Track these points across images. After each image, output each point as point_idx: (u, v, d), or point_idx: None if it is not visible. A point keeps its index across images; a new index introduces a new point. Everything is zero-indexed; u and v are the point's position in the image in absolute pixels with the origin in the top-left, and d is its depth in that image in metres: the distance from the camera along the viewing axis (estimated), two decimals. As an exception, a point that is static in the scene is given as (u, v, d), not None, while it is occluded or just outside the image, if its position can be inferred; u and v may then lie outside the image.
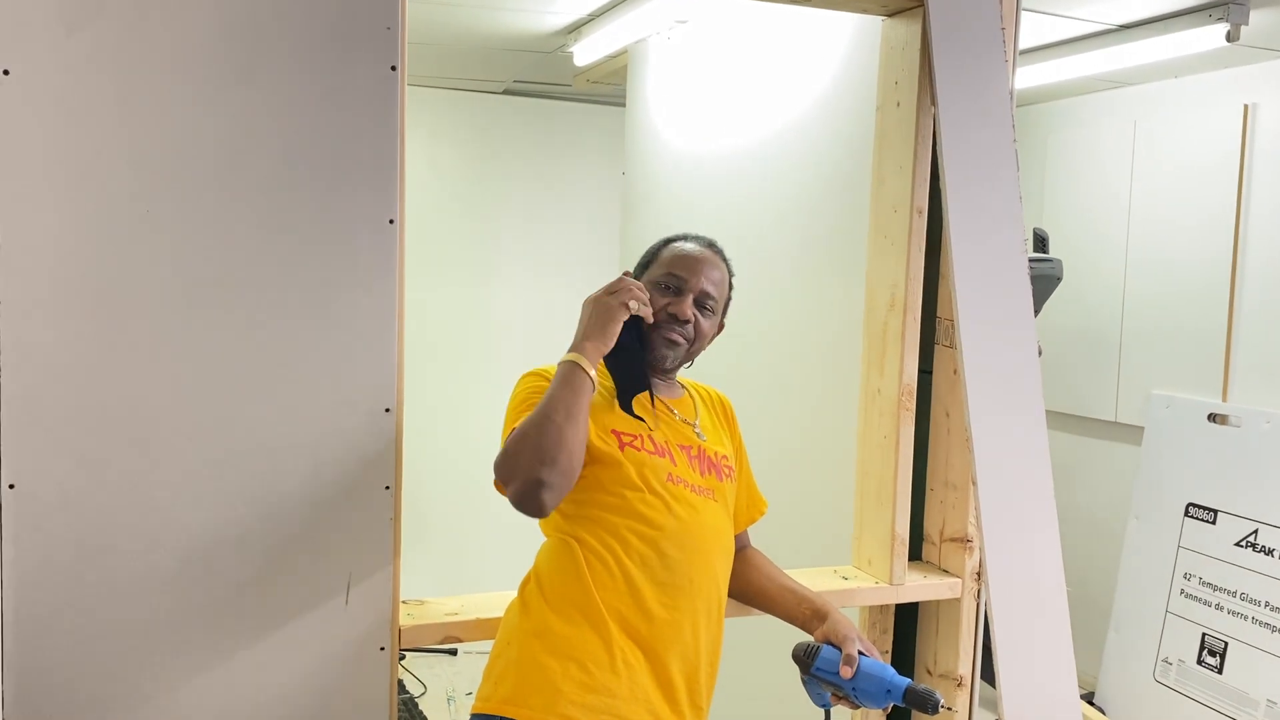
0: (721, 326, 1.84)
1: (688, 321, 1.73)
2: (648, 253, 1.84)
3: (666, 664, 1.61)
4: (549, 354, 1.74)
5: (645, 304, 1.68)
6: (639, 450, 1.66)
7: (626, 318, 1.65)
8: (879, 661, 1.64)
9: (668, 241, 1.82)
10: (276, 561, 1.67)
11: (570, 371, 1.59)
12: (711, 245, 1.82)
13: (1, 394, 1.52)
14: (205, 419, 1.62)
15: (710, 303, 1.76)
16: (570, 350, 1.62)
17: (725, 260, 1.83)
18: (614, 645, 1.57)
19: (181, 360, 1.60)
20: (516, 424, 1.61)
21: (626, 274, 1.72)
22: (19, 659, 1.55)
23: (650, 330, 1.72)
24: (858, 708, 1.67)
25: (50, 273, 1.53)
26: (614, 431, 1.67)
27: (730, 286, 1.83)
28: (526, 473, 1.52)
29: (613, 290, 1.66)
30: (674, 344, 1.73)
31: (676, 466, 1.69)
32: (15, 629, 1.55)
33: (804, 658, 1.67)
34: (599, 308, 1.65)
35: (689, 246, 1.79)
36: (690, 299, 1.74)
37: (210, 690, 1.65)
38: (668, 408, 1.77)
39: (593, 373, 1.60)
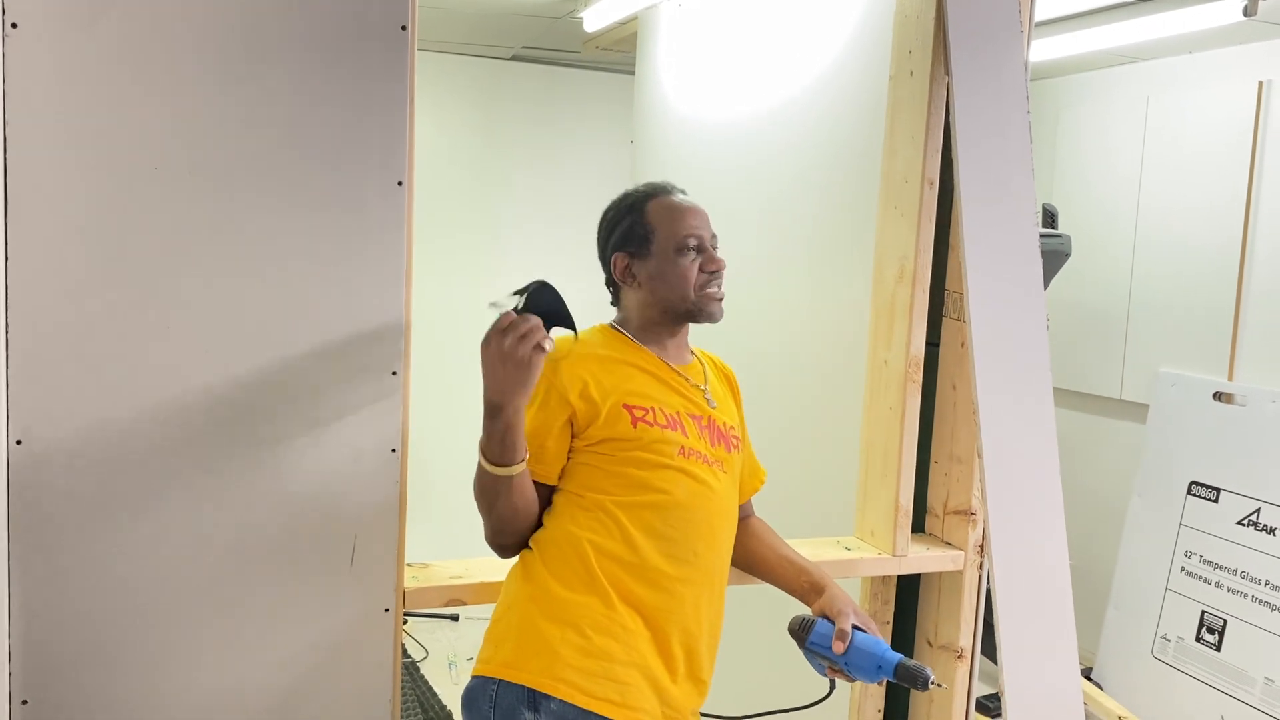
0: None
1: (720, 269, 1.75)
2: (626, 216, 1.76)
3: (667, 635, 1.61)
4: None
5: (550, 336, 1.53)
6: (651, 425, 1.65)
7: (542, 359, 1.52)
8: (873, 637, 1.65)
9: (644, 202, 1.76)
10: (284, 523, 1.67)
11: (493, 476, 1.59)
12: (679, 189, 1.81)
13: (9, 348, 1.51)
14: (211, 378, 1.62)
15: (717, 240, 1.79)
16: (487, 415, 1.53)
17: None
18: (614, 610, 1.58)
19: (187, 318, 1.60)
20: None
21: (507, 314, 1.54)
22: (26, 616, 1.55)
23: (699, 295, 1.72)
24: (852, 680, 1.69)
25: (59, 226, 1.52)
26: (625, 406, 1.65)
27: None
28: (491, 539, 1.69)
29: (521, 335, 1.49)
30: (721, 298, 1.76)
31: (688, 438, 1.68)
32: (23, 592, 1.55)
33: (799, 631, 1.69)
34: (514, 363, 1.50)
35: (678, 200, 1.77)
36: (711, 248, 1.76)
37: (219, 650, 1.66)
38: (680, 374, 1.76)
39: (521, 460, 1.58)
